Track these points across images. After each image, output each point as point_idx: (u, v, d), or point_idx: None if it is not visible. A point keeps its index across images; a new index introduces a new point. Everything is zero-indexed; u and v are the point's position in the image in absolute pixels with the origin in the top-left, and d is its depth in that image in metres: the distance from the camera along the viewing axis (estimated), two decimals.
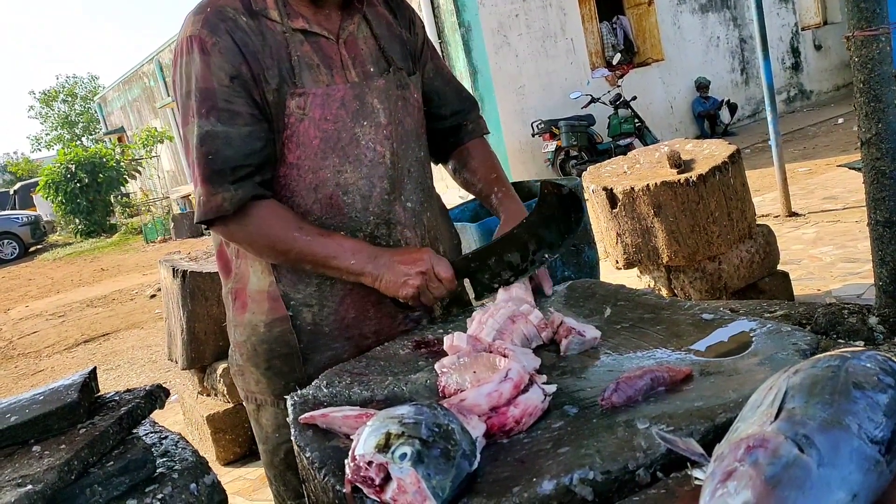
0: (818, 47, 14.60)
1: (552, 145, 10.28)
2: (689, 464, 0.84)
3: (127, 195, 22.17)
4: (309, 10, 1.56)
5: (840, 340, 1.55)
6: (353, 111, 1.55)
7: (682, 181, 3.62)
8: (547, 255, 1.55)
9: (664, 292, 3.94)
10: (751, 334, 1.24)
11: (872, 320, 1.64)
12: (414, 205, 1.65)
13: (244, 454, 3.92)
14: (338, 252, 1.49)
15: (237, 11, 1.49)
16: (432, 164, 1.82)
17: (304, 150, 1.53)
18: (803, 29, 14.43)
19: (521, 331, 1.34)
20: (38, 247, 21.28)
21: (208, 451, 3.93)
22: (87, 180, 19.71)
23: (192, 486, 1.23)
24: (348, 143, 1.55)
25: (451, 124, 1.81)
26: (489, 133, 1.91)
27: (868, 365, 0.81)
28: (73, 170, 19.68)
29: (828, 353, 0.86)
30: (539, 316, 1.37)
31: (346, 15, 1.60)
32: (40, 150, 46.16)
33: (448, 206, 1.93)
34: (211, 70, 1.46)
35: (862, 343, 1.52)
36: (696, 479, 0.80)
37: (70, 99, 44.00)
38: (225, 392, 3.95)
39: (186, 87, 1.49)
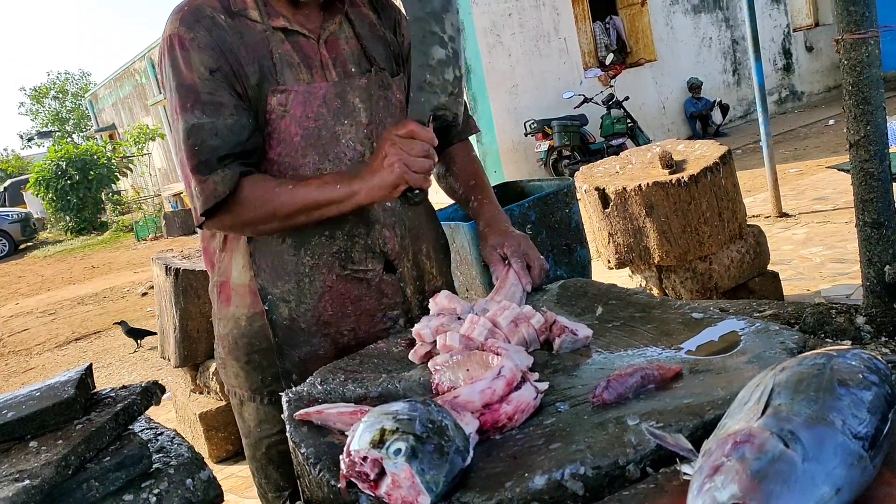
0: (810, 49, 14.67)
1: (545, 145, 10.31)
2: (677, 459, 0.85)
3: (118, 193, 22.10)
4: (289, 9, 1.57)
5: (827, 340, 1.57)
6: (335, 109, 1.56)
7: (673, 181, 3.64)
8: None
9: (655, 292, 3.96)
10: (740, 333, 1.26)
11: (860, 320, 1.66)
12: (394, 204, 1.65)
13: (237, 452, 3.93)
14: (320, 187, 1.47)
15: (215, 10, 1.51)
16: None
17: (284, 146, 1.54)
18: (795, 30, 14.50)
19: (522, 334, 1.35)
20: (29, 244, 21.19)
21: (201, 449, 3.93)
22: (77, 177, 19.65)
23: (188, 481, 1.24)
24: (328, 140, 1.56)
25: (439, 125, 1.82)
26: (479, 132, 1.92)
27: (853, 363, 0.83)
28: (64, 167, 19.60)
29: (814, 352, 0.88)
30: (541, 320, 1.38)
31: (327, 15, 1.61)
32: (31, 147, 45.97)
33: (443, 206, 1.95)
34: (192, 65, 1.47)
35: (849, 342, 1.54)
36: (685, 474, 0.82)
37: (61, 95, 43.81)
38: (217, 390, 3.96)
39: (170, 84, 1.51)
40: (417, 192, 1.46)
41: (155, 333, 6.25)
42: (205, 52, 1.47)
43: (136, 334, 6.82)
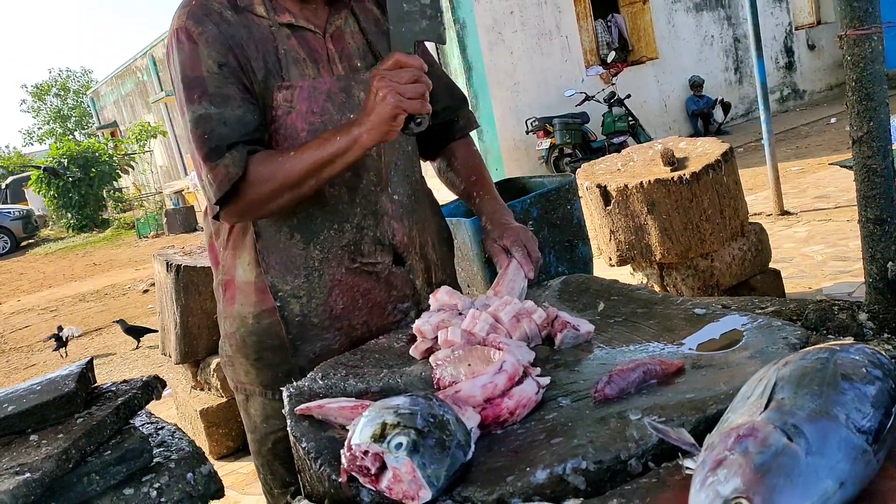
0: (811, 47, 14.65)
1: (546, 143, 10.30)
2: (680, 454, 0.85)
3: (119, 190, 22.13)
4: (295, 4, 1.57)
5: (830, 336, 1.57)
6: (340, 103, 1.56)
7: (675, 179, 3.64)
8: None
9: (657, 289, 3.96)
10: (742, 329, 1.25)
11: (862, 316, 1.66)
12: (401, 197, 1.66)
13: (237, 448, 3.93)
14: (321, 146, 1.44)
15: (222, 6, 1.51)
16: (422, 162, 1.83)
17: (291, 142, 1.54)
18: (797, 28, 14.48)
19: (524, 329, 1.35)
20: (30, 241, 21.20)
21: (202, 446, 3.90)
22: (79, 175, 19.64)
23: (189, 475, 1.24)
24: None
25: (441, 120, 1.82)
26: (479, 127, 1.92)
27: (856, 357, 0.83)
28: (66, 164, 19.60)
29: (817, 346, 0.88)
30: (543, 315, 1.37)
31: (333, 10, 1.62)
32: (32, 144, 46.06)
33: (444, 202, 1.95)
34: (200, 59, 1.47)
35: (851, 339, 1.54)
36: (687, 468, 0.81)
37: (63, 93, 43.84)
38: (218, 386, 3.96)
39: (177, 77, 1.51)
40: (419, 120, 1.43)
41: (154, 331, 6.36)
42: (213, 46, 1.48)
43: (136, 332, 6.82)
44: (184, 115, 1.50)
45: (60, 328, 7.44)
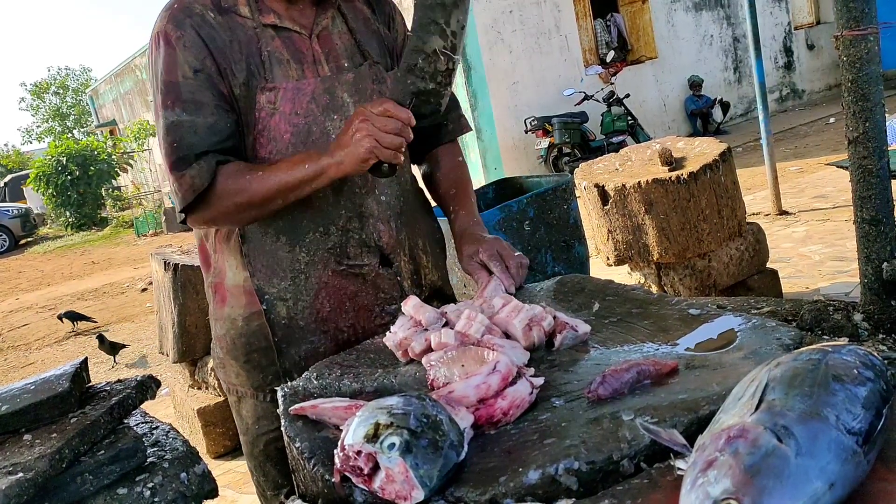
0: (811, 47, 14.66)
1: (545, 142, 10.30)
2: (672, 454, 0.85)
3: (118, 188, 22.11)
4: (281, 5, 1.56)
5: (825, 337, 1.57)
6: (324, 105, 1.55)
7: (673, 179, 3.64)
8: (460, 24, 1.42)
9: (654, 289, 3.96)
10: (736, 329, 1.25)
11: (857, 317, 1.66)
12: (388, 198, 1.65)
13: (235, 447, 3.94)
14: (289, 170, 1.45)
15: (205, 7, 1.50)
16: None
17: (275, 144, 1.53)
18: (796, 28, 14.49)
19: (534, 338, 1.34)
20: (29, 239, 21.19)
21: (199, 445, 3.93)
22: (78, 173, 19.64)
23: (183, 475, 1.24)
24: (319, 137, 1.55)
25: (430, 123, 1.80)
26: (471, 131, 1.91)
27: (848, 359, 0.83)
28: (65, 162, 19.59)
29: (809, 347, 0.88)
30: (552, 322, 1.36)
31: (320, 10, 1.61)
32: (31, 143, 46.02)
33: None
34: (176, 63, 1.47)
35: (846, 339, 1.54)
36: (679, 469, 0.81)
37: (62, 91, 43.80)
38: (216, 385, 3.96)
39: (154, 81, 1.51)
40: (386, 165, 1.43)
41: (127, 346, 6.46)
42: (190, 51, 1.47)
43: (113, 347, 6.60)
44: (158, 119, 1.50)
45: (63, 314, 8.19)
